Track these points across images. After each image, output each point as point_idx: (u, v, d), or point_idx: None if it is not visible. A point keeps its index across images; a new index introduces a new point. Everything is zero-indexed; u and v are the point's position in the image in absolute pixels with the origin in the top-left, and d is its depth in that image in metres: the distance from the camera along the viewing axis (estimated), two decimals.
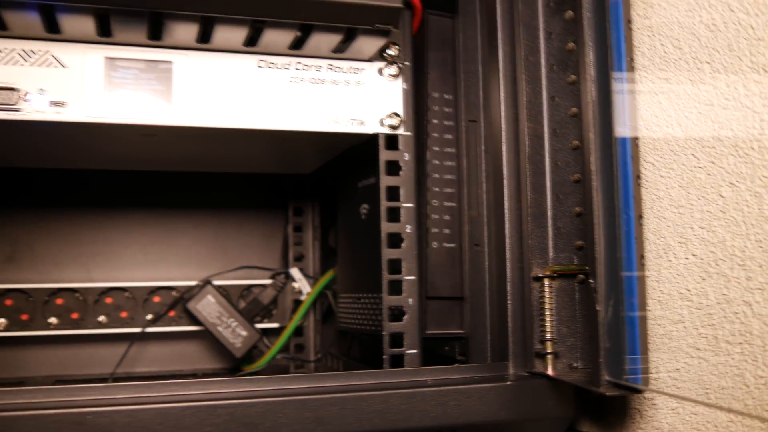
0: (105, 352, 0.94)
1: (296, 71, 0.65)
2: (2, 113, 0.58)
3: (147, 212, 0.98)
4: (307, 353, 0.97)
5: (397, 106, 0.66)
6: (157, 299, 0.94)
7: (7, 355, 0.92)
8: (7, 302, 0.89)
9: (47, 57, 0.60)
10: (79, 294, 0.91)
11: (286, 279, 0.95)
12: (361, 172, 0.77)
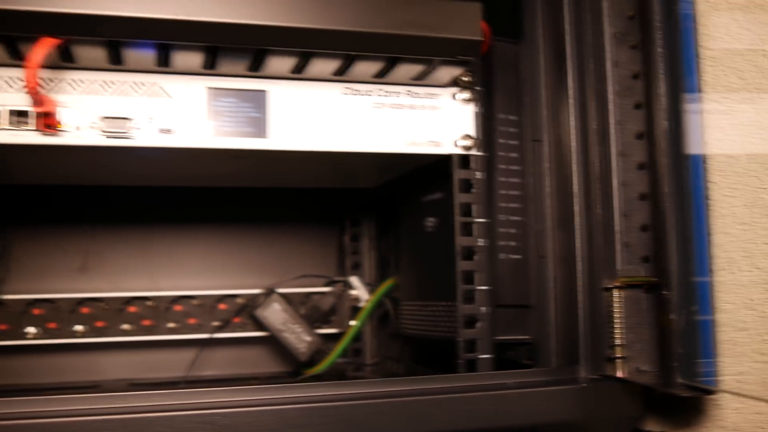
0: (173, 357, 1.00)
1: (378, 97, 0.70)
2: (117, 140, 0.64)
3: (209, 225, 1.04)
4: (364, 357, 1.02)
5: (470, 128, 0.72)
6: (222, 306, 0.99)
7: (83, 360, 0.98)
8: (84, 310, 0.94)
9: (155, 88, 0.65)
10: (150, 302, 0.96)
11: (345, 287, 1.01)
12: (426, 188, 0.82)
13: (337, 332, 1.02)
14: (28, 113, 0.62)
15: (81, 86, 0.64)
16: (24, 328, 0.93)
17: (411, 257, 0.88)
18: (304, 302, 1.01)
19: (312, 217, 1.07)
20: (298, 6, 0.60)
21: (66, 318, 0.94)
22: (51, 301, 0.93)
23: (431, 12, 0.63)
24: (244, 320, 0.99)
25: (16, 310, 0.92)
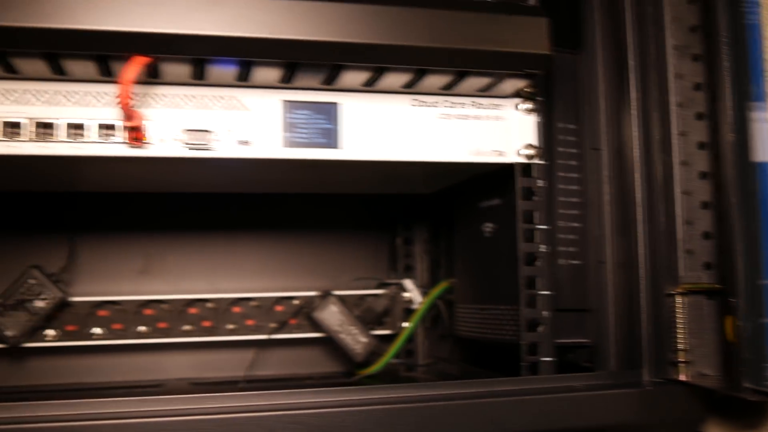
0: (232, 357, 1.03)
1: (444, 108, 0.73)
2: (198, 152, 0.67)
3: (265, 230, 1.07)
4: (416, 357, 1.05)
5: (532, 137, 0.74)
6: (279, 308, 1.02)
7: (146, 360, 1.01)
8: (147, 312, 0.98)
9: (233, 101, 0.68)
10: (210, 304, 1.00)
11: (398, 289, 1.03)
12: (484, 194, 0.85)
13: (391, 333, 1.04)
14: (116, 126, 0.65)
15: (164, 100, 0.67)
16: (90, 328, 0.96)
17: (467, 261, 0.90)
18: (358, 304, 1.04)
19: (365, 221, 1.10)
20: (374, 23, 0.63)
21: (130, 319, 0.97)
22: (116, 303, 0.97)
23: (500, 27, 0.66)
24: (300, 321, 1.01)
25: (83, 311, 0.96)
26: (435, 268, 1.05)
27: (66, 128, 0.65)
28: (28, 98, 0.65)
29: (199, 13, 0.59)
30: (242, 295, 1.01)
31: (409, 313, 1.04)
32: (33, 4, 0.57)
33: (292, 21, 0.61)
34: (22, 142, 0.64)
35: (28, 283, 0.92)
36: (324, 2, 0.62)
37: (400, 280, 1.05)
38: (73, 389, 0.96)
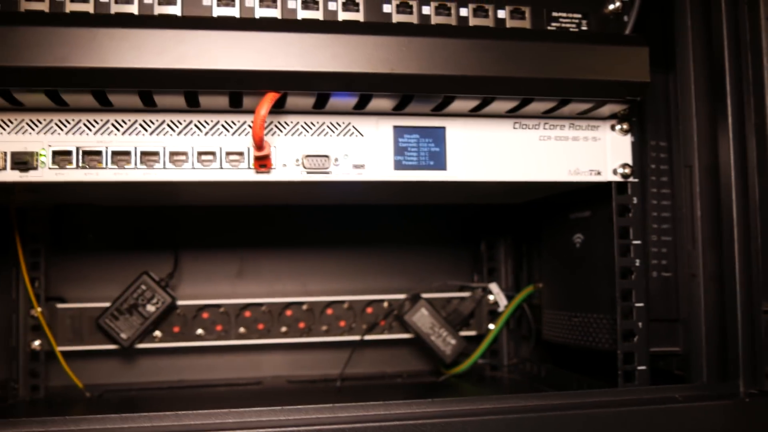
0: (325, 356, 1.09)
1: (544, 130, 0.77)
2: (318, 176, 0.72)
3: (353, 237, 1.12)
4: (501, 358, 1.10)
5: (628, 157, 0.78)
6: (370, 310, 1.08)
7: (245, 359, 1.08)
8: (247, 314, 1.04)
9: (349, 128, 0.73)
10: (306, 306, 1.06)
11: (484, 292, 1.08)
12: (574, 205, 0.88)
13: (476, 334, 1.09)
14: (242, 153, 0.71)
15: (287, 128, 0.72)
16: (194, 330, 1.03)
17: (555, 269, 0.95)
18: (444, 306, 1.09)
19: (451, 226, 1.14)
20: (484, 57, 0.67)
21: (231, 321, 1.03)
22: (218, 306, 1.03)
23: (602, 57, 0.70)
24: (389, 322, 1.07)
25: (188, 314, 1.02)
26: (518, 272, 1.09)
27: (197, 155, 0.70)
28: (165, 129, 0.70)
29: (326, 51, 0.64)
30: (335, 298, 1.06)
31: (494, 315, 1.08)
32: (177, 47, 0.62)
33: (408, 57, 0.66)
34: (157, 170, 0.70)
35: (140, 289, 0.99)
36: (438, 38, 0.66)
37: (485, 284, 1.09)
38: (178, 387, 1.03)
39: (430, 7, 0.74)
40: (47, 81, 0.62)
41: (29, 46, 0.61)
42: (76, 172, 0.68)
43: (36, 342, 0.98)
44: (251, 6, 0.71)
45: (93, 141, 0.69)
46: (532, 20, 0.76)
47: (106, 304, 0.99)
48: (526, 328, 1.06)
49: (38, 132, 0.68)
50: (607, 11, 0.78)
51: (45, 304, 0.99)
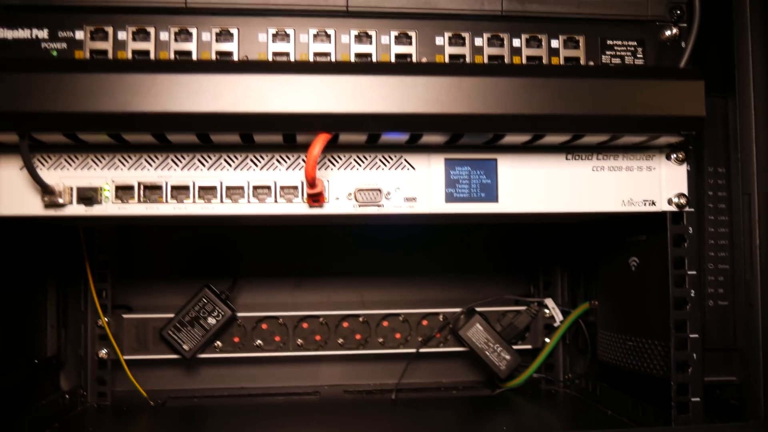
0: (381, 367, 1.11)
1: (597, 161, 0.76)
2: (371, 208, 0.73)
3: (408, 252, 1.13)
4: (557, 373, 1.10)
5: (683, 186, 0.77)
6: (425, 323, 1.09)
7: (303, 368, 1.11)
8: (305, 325, 1.06)
9: (401, 161, 0.74)
10: (362, 318, 1.07)
11: (539, 307, 1.08)
12: (630, 228, 0.88)
13: (531, 348, 1.09)
14: (296, 186, 0.72)
15: (340, 162, 0.73)
16: (254, 340, 1.06)
17: (610, 290, 0.94)
18: (499, 320, 1.09)
19: (508, 243, 1.15)
20: (535, 95, 0.67)
21: (289, 332, 1.06)
22: (276, 318, 1.06)
23: (657, 92, 0.69)
24: (443, 336, 1.08)
25: (248, 325, 1.05)
26: (575, 288, 1.09)
27: (252, 190, 0.72)
28: (221, 164, 0.72)
29: (377, 93, 0.65)
30: (391, 312, 1.08)
31: (550, 329, 1.09)
32: (232, 92, 0.64)
33: (459, 97, 0.66)
34: (214, 204, 0.72)
35: (201, 302, 1.02)
36: (488, 77, 0.66)
37: (541, 299, 1.09)
38: (238, 395, 1.07)
39: (483, 39, 0.74)
40: (110, 125, 0.64)
41: (92, 92, 0.63)
42: (138, 206, 0.71)
43: (103, 351, 1.02)
44: (305, 42, 0.72)
45: (153, 176, 0.71)
46: (586, 49, 0.75)
47: (170, 314, 1.02)
48: (582, 342, 1.06)
49: (102, 168, 0.71)
50: (664, 38, 0.76)
51: (111, 315, 1.02)
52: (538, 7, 0.75)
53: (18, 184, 0.70)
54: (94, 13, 0.71)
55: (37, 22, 0.71)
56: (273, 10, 0.72)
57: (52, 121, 0.64)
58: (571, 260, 1.10)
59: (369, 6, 0.73)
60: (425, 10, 0.73)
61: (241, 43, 0.72)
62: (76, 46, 0.71)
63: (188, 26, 0.72)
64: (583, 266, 1.07)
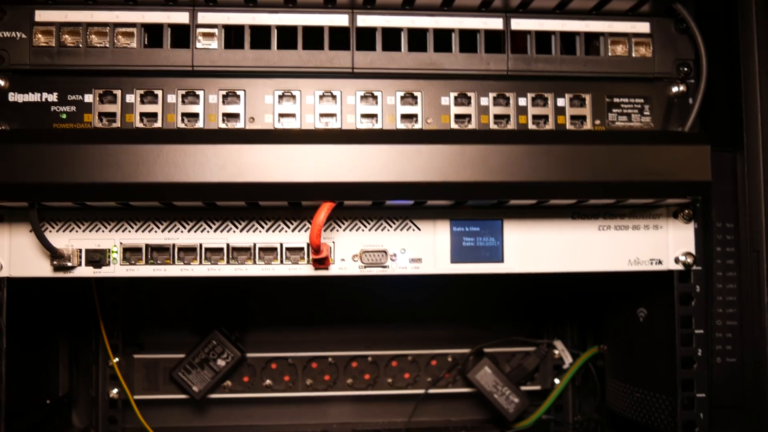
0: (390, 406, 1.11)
1: (603, 220, 0.76)
2: (375, 269, 0.73)
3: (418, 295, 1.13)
4: (566, 414, 1.10)
5: (690, 245, 0.77)
6: (434, 362, 1.09)
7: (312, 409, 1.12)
8: (313, 365, 1.07)
9: (407, 223, 0.74)
10: (371, 359, 1.08)
11: (548, 348, 1.08)
12: (637, 284, 0.87)
13: (540, 389, 1.09)
14: (302, 249, 0.73)
15: (345, 224, 0.74)
16: (264, 380, 1.06)
17: (618, 337, 0.94)
18: (508, 360, 1.09)
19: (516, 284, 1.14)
20: (539, 162, 0.68)
21: (298, 372, 1.07)
22: (286, 359, 1.06)
23: (662, 158, 0.69)
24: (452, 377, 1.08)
25: (257, 366, 1.06)
26: (584, 331, 1.09)
27: (258, 252, 0.72)
28: (228, 226, 0.73)
29: (380, 162, 0.66)
30: (400, 352, 1.08)
31: (559, 370, 1.08)
32: (237, 162, 0.65)
33: (463, 165, 0.67)
34: (221, 265, 0.72)
35: (211, 344, 1.03)
36: (492, 145, 0.67)
37: (550, 340, 1.09)
38: None
39: (488, 98, 0.74)
40: (117, 195, 0.65)
41: (100, 163, 0.64)
42: (145, 268, 0.72)
43: (114, 390, 1.03)
44: (311, 103, 0.73)
45: (161, 238, 0.72)
46: (593, 107, 0.76)
47: (180, 354, 1.03)
48: (591, 385, 1.06)
49: (110, 230, 0.72)
50: (671, 94, 0.76)
51: (123, 354, 1.03)
52: (544, 66, 0.74)
53: (28, 247, 0.71)
54: (103, 76, 0.72)
55: (47, 85, 0.72)
56: (279, 72, 0.72)
57: (61, 192, 0.65)
58: (580, 304, 1.10)
59: (374, 67, 0.73)
60: (431, 70, 0.73)
61: (248, 104, 0.72)
62: (85, 108, 0.72)
63: (195, 88, 0.72)
64: (592, 310, 1.07)
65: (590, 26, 0.75)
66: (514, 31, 0.74)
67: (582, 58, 0.74)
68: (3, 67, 0.70)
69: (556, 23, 0.74)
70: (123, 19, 0.72)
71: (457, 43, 0.73)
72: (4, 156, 0.63)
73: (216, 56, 0.71)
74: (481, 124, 0.73)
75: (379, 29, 0.73)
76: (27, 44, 0.71)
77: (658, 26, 0.76)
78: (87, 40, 0.71)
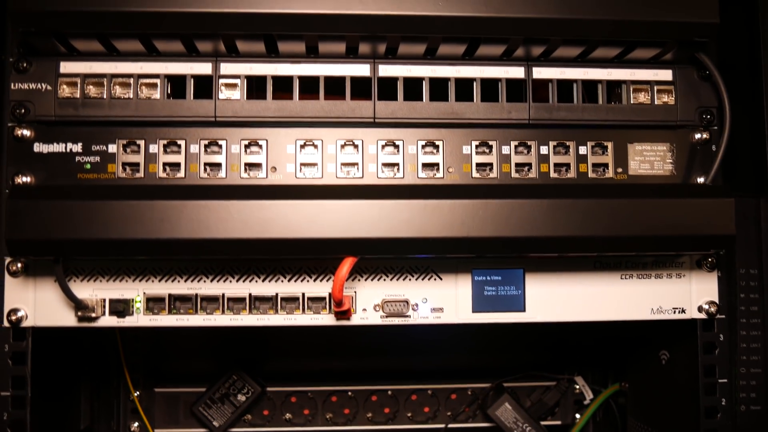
0: None
1: (625, 269, 0.76)
2: (397, 319, 0.73)
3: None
4: None
5: (714, 293, 0.76)
6: (453, 396, 1.09)
7: None
8: (333, 399, 1.07)
9: (428, 272, 0.74)
10: (391, 393, 1.08)
11: (569, 383, 1.07)
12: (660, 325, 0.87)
13: (561, 424, 1.09)
14: (324, 298, 0.73)
15: (367, 273, 0.74)
16: (284, 414, 1.06)
17: (640, 378, 0.94)
18: (528, 394, 1.09)
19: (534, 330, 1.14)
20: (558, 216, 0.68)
21: (318, 406, 1.07)
22: (306, 392, 1.06)
23: (686, 213, 0.69)
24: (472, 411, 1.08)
25: (277, 400, 1.06)
26: (605, 367, 1.09)
27: (281, 302, 0.73)
28: (251, 275, 0.73)
29: (402, 218, 0.66)
30: (419, 386, 1.08)
31: (580, 405, 1.08)
32: (260, 219, 0.65)
33: (485, 220, 0.67)
34: (243, 315, 0.73)
35: (231, 379, 1.03)
36: (514, 200, 0.67)
37: (571, 375, 1.08)
38: None
39: (510, 147, 0.74)
40: (141, 251, 0.66)
41: (124, 220, 0.65)
42: (168, 317, 0.72)
43: (135, 424, 1.04)
44: (333, 153, 0.73)
45: (184, 288, 0.72)
46: (615, 155, 0.75)
47: (201, 388, 1.03)
48: (612, 419, 1.06)
49: (134, 280, 0.73)
50: (694, 141, 0.76)
51: (143, 388, 1.04)
52: (566, 114, 0.74)
53: (52, 297, 0.72)
54: (127, 127, 0.72)
55: (71, 136, 0.72)
56: (300, 122, 0.72)
57: (85, 248, 0.65)
58: (602, 342, 1.09)
59: (396, 117, 0.73)
60: (452, 119, 0.73)
61: (270, 154, 0.73)
62: (109, 159, 0.72)
63: (217, 138, 0.73)
64: (614, 348, 1.06)
65: (612, 74, 0.74)
66: (535, 79, 0.74)
67: (604, 106, 0.74)
68: (29, 118, 0.71)
69: (578, 71, 0.74)
70: (146, 70, 0.72)
71: (478, 92, 0.73)
72: (30, 212, 0.64)
73: (238, 106, 0.72)
74: (503, 173, 0.73)
75: (400, 79, 0.73)
76: (52, 95, 0.71)
77: (680, 74, 0.75)
78: (111, 92, 0.71)
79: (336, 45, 0.70)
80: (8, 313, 0.71)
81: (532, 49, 0.71)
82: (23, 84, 0.71)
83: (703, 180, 0.74)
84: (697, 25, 0.68)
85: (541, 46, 0.71)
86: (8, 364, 0.72)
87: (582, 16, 0.67)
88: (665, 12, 0.68)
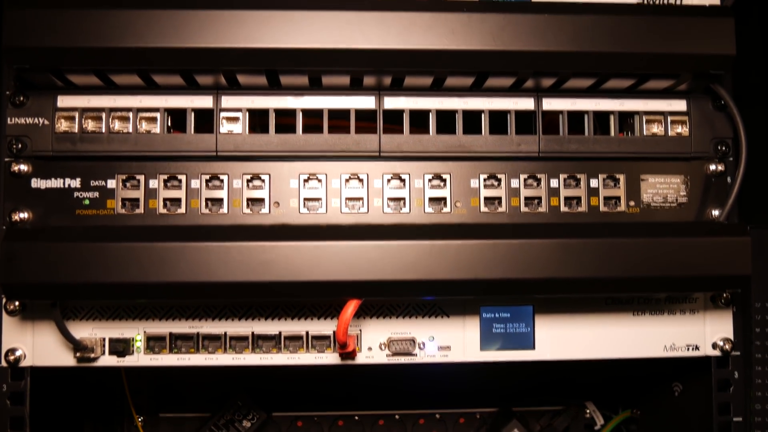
0: None
1: (638, 305, 0.74)
2: (403, 358, 0.72)
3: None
4: None
5: (728, 330, 0.74)
6: (462, 421, 1.07)
7: None
8: (339, 423, 1.06)
9: (435, 309, 0.73)
10: (397, 416, 1.06)
11: (579, 408, 1.05)
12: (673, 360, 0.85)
13: None
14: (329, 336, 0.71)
15: (373, 310, 0.72)
16: None
17: (651, 407, 0.92)
18: (538, 419, 1.07)
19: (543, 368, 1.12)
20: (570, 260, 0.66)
21: (324, 430, 1.05)
22: (312, 417, 1.05)
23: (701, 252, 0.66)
24: None
25: (283, 424, 1.05)
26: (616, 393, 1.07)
27: (284, 340, 0.71)
28: (253, 313, 0.71)
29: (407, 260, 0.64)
30: (428, 411, 1.06)
31: (590, 430, 1.06)
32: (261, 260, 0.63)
33: (493, 261, 0.65)
34: (246, 355, 0.71)
35: (236, 405, 1.02)
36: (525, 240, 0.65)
37: (581, 400, 1.06)
38: None
39: (519, 180, 0.72)
40: (139, 294, 0.65)
41: (123, 263, 0.63)
42: (169, 357, 0.71)
43: None
44: (337, 187, 0.71)
45: (185, 326, 0.71)
46: (627, 187, 0.73)
47: (206, 413, 1.02)
48: None
49: (134, 318, 0.71)
50: (708, 173, 0.74)
51: (147, 413, 1.02)
52: (577, 146, 0.72)
53: (51, 337, 0.70)
54: (126, 161, 0.70)
55: (69, 171, 0.71)
56: (304, 156, 0.71)
57: (83, 291, 0.64)
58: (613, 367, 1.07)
59: (402, 150, 0.71)
60: (460, 153, 0.71)
61: (273, 189, 0.71)
62: (108, 194, 0.70)
63: (219, 173, 0.71)
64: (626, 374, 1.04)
65: (625, 105, 0.72)
66: (545, 111, 0.72)
67: (616, 138, 0.72)
68: (26, 153, 0.69)
69: (590, 102, 0.72)
70: (146, 104, 0.70)
71: (487, 124, 0.71)
72: (26, 255, 0.62)
73: (240, 141, 0.70)
74: (512, 207, 0.71)
75: (406, 111, 0.71)
76: (49, 130, 0.69)
77: (695, 104, 0.73)
78: (109, 126, 0.70)
79: (340, 77, 0.68)
80: (6, 353, 0.69)
81: (542, 80, 0.69)
82: (20, 118, 0.69)
83: (718, 213, 0.72)
84: (713, 57, 0.66)
85: (551, 78, 0.68)
86: (6, 404, 0.70)
87: (595, 48, 0.65)
88: (680, 44, 0.65)
